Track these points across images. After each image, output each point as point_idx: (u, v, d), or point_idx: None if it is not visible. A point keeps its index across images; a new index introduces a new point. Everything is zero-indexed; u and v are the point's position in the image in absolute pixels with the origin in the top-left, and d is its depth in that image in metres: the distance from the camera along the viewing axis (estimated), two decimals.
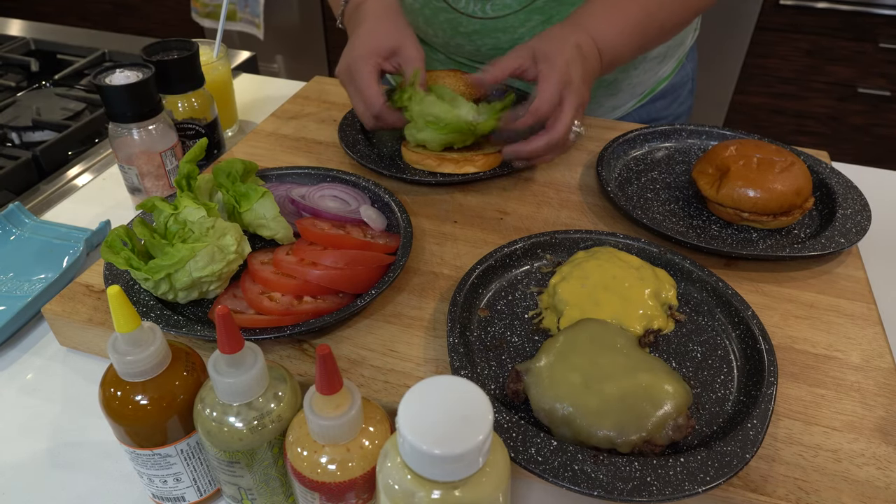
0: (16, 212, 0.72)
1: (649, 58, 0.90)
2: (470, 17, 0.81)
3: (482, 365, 0.53)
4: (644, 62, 0.90)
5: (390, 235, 0.64)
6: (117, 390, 0.41)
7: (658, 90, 0.96)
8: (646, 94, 0.96)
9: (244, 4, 2.11)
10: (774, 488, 0.45)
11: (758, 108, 2.17)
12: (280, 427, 0.41)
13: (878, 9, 1.86)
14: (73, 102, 0.99)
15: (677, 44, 0.93)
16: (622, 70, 0.90)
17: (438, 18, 0.84)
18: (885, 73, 1.98)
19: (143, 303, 0.56)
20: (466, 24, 0.82)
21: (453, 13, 0.82)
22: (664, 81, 0.96)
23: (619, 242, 0.62)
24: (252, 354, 0.39)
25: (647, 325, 0.54)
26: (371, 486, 0.39)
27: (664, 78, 0.96)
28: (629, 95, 0.94)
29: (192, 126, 0.79)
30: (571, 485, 0.42)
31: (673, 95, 0.98)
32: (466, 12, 0.81)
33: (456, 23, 0.83)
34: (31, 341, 0.61)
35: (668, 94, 0.97)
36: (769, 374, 0.49)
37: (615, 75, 0.90)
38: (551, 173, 0.77)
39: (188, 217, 0.57)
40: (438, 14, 0.83)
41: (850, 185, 0.71)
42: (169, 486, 0.45)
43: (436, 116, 0.71)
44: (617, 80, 0.91)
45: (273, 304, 0.54)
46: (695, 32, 0.98)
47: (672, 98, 0.98)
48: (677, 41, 0.93)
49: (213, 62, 0.85)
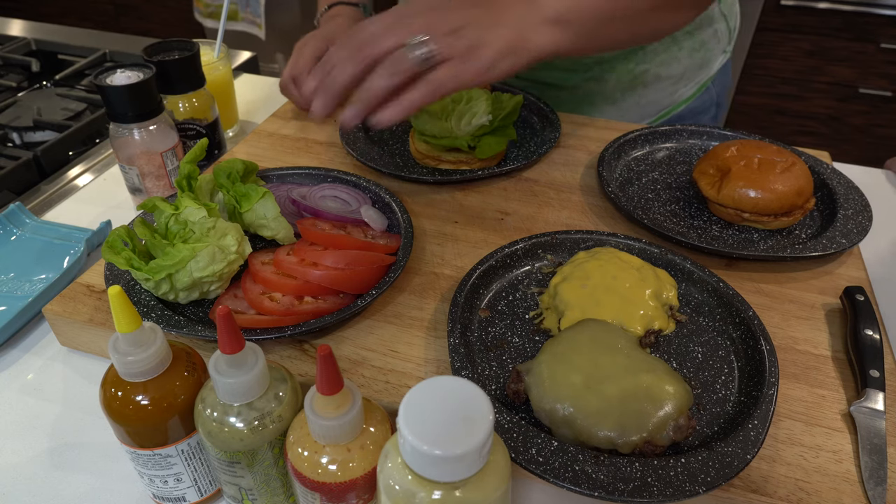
0: (17, 212, 0.72)
1: (663, 77, 0.88)
2: None
3: (483, 365, 0.53)
4: (657, 81, 0.88)
5: (391, 236, 0.64)
6: (118, 390, 0.41)
7: (675, 112, 0.93)
8: (660, 116, 0.93)
9: (245, 4, 2.11)
10: (775, 489, 0.45)
11: (759, 108, 2.17)
12: (281, 427, 0.41)
13: (879, 9, 1.86)
14: (74, 103, 0.99)
15: (697, 66, 0.89)
16: (629, 87, 0.88)
17: None
18: (887, 74, 1.98)
19: (144, 303, 0.56)
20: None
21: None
22: (682, 104, 0.92)
23: (619, 243, 0.62)
24: (253, 355, 0.39)
25: (647, 326, 0.54)
26: (372, 486, 0.39)
27: (682, 101, 0.92)
28: (638, 115, 0.92)
29: (192, 126, 0.79)
30: (572, 485, 0.42)
31: (692, 120, 0.94)
32: None
33: None
34: (32, 341, 0.62)
35: (686, 117, 0.93)
36: (770, 374, 0.49)
37: (622, 93, 0.88)
38: (552, 173, 0.77)
39: (189, 217, 0.57)
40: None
41: (851, 185, 0.71)
42: (169, 487, 0.45)
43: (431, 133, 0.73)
44: (624, 97, 0.89)
45: (274, 305, 0.54)
46: (724, 55, 0.93)
47: (691, 122, 0.94)
48: (698, 63, 0.89)
49: (213, 62, 0.85)
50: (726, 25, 0.90)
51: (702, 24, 0.86)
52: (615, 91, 0.89)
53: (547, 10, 0.58)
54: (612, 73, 0.87)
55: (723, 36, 0.90)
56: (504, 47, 0.56)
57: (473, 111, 0.74)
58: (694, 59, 0.88)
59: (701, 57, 0.89)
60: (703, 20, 0.85)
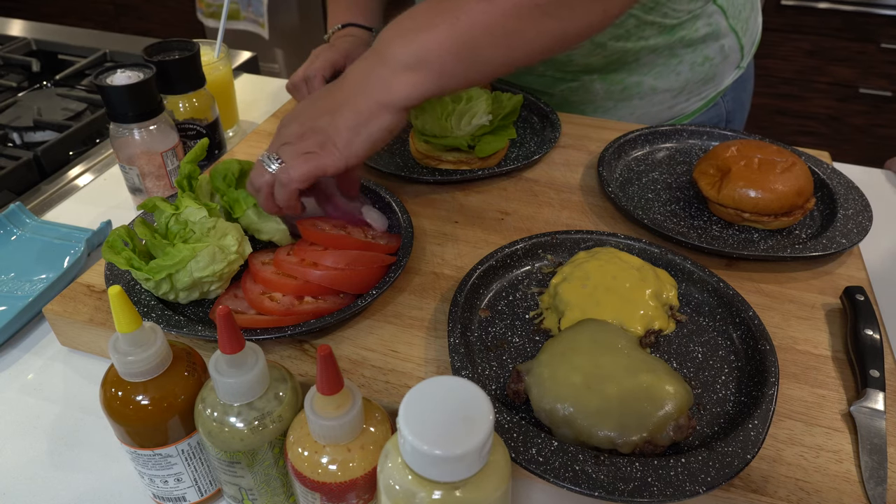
0: (17, 212, 0.72)
1: (659, 90, 0.87)
2: None
3: (483, 365, 0.53)
4: (653, 94, 0.87)
5: (391, 236, 0.64)
6: (118, 390, 0.41)
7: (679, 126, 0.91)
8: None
9: (247, 4, 2.11)
10: (776, 489, 0.45)
11: (759, 108, 2.17)
12: (281, 427, 0.41)
13: (879, 9, 1.86)
14: (75, 103, 0.99)
15: (701, 80, 0.87)
16: (621, 98, 0.87)
17: None
18: (887, 74, 1.98)
19: (145, 303, 0.56)
20: None
21: None
22: (687, 118, 0.91)
23: (620, 243, 0.62)
24: (253, 355, 0.39)
25: (647, 326, 0.54)
26: (372, 486, 0.39)
27: (688, 114, 0.91)
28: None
29: (193, 126, 0.79)
30: (572, 485, 0.42)
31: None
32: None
33: None
34: (32, 341, 0.62)
35: None
36: (770, 374, 0.49)
37: (613, 103, 0.87)
38: (552, 173, 0.77)
39: (189, 217, 0.57)
40: None
41: (851, 185, 0.71)
42: (170, 487, 0.45)
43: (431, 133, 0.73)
44: (616, 107, 0.88)
45: (274, 305, 0.54)
46: (737, 71, 0.90)
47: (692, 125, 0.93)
48: (701, 77, 0.87)
49: (214, 62, 0.85)
50: (737, 41, 0.87)
51: (706, 38, 0.84)
52: (606, 101, 0.88)
53: (399, 57, 0.56)
54: (603, 82, 0.86)
55: (732, 52, 0.88)
56: (351, 125, 0.56)
57: (473, 111, 0.74)
58: (696, 74, 0.86)
59: (705, 72, 0.87)
60: (708, 35, 0.84)
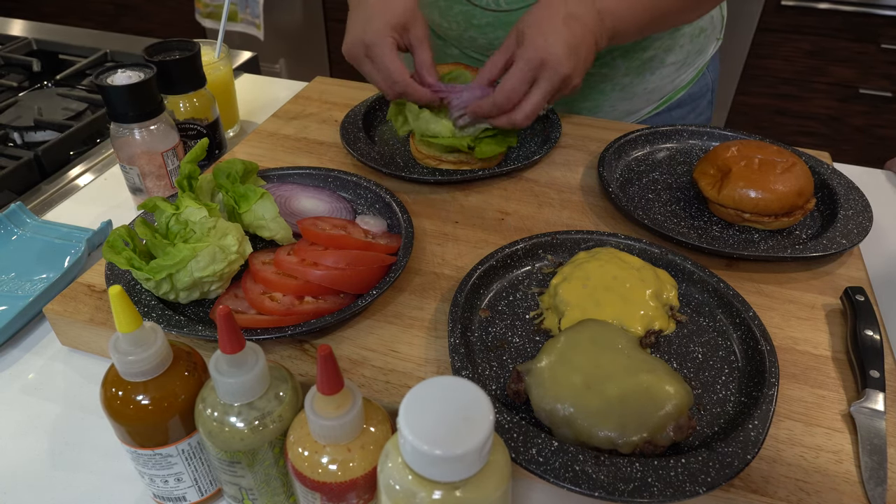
0: (17, 212, 0.73)
1: (667, 63, 0.89)
2: (484, 9, 0.81)
3: (483, 365, 0.53)
4: (662, 67, 0.89)
5: (391, 236, 0.64)
6: (119, 390, 0.41)
7: (676, 98, 0.95)
8: (663, 102, 0.95)
9: (244, 5, 2.11)
10: (776, 489, 0.45)
11: (759, 108, 2.17)
12: (281, 427, 0.41)
13: (879, 9, 1.86)
14: (75, 102, 0.99)
15: (697, 51, 0.92)
16: (637, 74, 0.89)
17: (453, 10, 0.84)
18: (887, 74, 1.98)
19: (145, 303, 0.56)
20: (480, 17, 0.83)
21: (468, 5, 0.82)
22: (683, 90, 0.95)
23: (620, 243, 0.62)
24: (253, 354, 0.39)
25: (648, 326, 0.54)
26: (372, 486, 0.39)
27: (683, 86, 0.95)
28: (644, 101, 0.93)
29: (193, 126, 0.79)
30: (572, 485, 0.42)
31: (691, 105, 0.97)
32: (480, 5, 0.81)
33: (470, 15, 0.83)
34: (33, 341, 0.62)
35: (686, 103, 0.96)
36: (770, 374, 0.49)
37: (630, 79, 0.89)
38: (552, 174, 0.77)
39: (190, 217, 0.57)
40: (453, 6, 0.84)
41: (851, 185, 0.71)
42: (170, 486, 0.45)
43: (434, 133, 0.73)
44: (632, 83, 0.90)
45: (274, 305, 0.54)
46: (717, 42, 0.96)
47: (690, 107, 0.97)
48: (697, 49, 0.91)
49: (214, 62, 0.85)
50: (721, 12, 0.93)
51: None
52: (624, 77, 0.90)
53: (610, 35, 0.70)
54: (623, 59, 0.88)
55: (717, 22, 0.93)
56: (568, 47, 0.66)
57: None
58: (694, 45, 0.90)
59: (700, 43, 0.91)
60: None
